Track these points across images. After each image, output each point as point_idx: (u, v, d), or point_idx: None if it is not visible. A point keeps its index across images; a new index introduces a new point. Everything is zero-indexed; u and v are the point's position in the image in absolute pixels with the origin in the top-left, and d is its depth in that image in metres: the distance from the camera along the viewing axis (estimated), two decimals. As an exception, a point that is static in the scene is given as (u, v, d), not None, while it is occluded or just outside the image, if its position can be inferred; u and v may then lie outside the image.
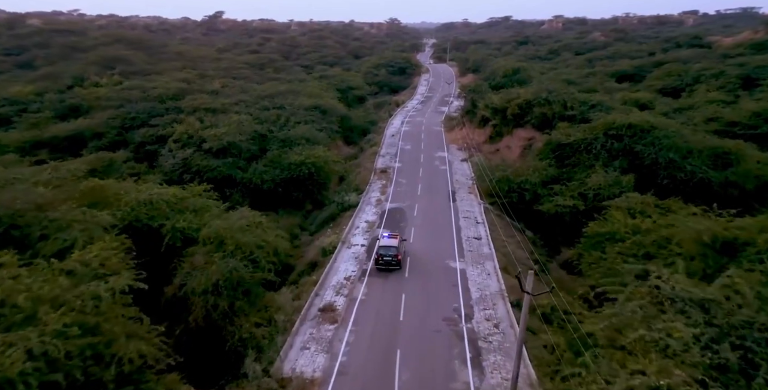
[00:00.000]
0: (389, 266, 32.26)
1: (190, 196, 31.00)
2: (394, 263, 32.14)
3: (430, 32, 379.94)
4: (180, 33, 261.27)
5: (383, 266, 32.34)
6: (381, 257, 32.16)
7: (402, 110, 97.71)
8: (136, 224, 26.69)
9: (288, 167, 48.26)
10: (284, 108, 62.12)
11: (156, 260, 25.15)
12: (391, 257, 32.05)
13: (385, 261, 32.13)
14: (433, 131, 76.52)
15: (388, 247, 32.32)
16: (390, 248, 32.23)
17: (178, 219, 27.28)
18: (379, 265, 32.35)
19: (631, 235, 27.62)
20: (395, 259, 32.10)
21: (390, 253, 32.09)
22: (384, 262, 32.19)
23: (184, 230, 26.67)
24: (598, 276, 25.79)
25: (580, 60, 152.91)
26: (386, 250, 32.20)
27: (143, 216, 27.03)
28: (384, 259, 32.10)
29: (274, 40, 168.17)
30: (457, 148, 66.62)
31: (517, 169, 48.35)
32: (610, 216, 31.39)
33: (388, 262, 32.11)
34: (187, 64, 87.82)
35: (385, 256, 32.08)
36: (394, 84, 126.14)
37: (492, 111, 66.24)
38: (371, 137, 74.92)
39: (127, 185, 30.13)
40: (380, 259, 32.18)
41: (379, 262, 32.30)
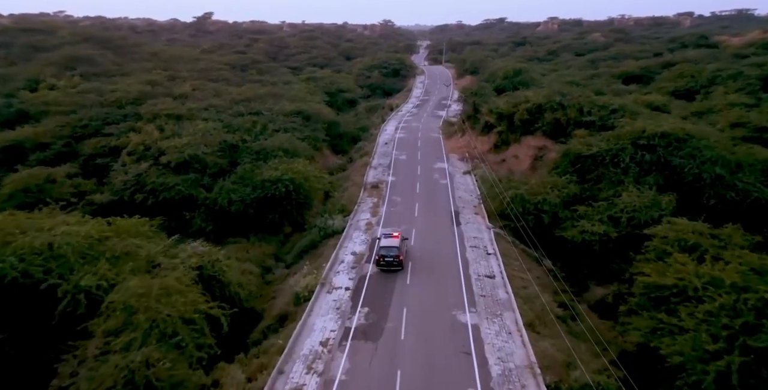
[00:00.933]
0: (391, 267, 31.23)
1: (114, 235, 23.29)
2: (396, 264, 31.12)
3: (425, 34, 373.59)
4: (167, 34, 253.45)
5: (385, 267, 31.31)
6: (382, 258, 31.14)
7: (396, 115, 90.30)
8: (23, 281, 19.01)
9: (261, 185, 40.64)
10: (261, 114, 54.48)
11: (46, 337, 17.50)
12: (392, 258, 31.02)
13: (386, 262, 31.10)
14: (431, 138, 69.11)
15: (390, 247, 31.23)
16: (391, 248, 31.18)
17: (86, 273, 19.60)
18: (381, 266, 31.34)
19: (712, 291, 20.16)
20: (397, 260, 31.05)
21: (391, 253, 31.03)
22: (385, 263, 31.16)
23: (91, 291, 19.01)
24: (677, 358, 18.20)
25: (581, 61, 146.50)
26: (387, 250, 31.11)
27: (35, 269, 19.34)
28: (385, 259, 31.07)
29: (262, 41, 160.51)
30: (458, 159, 59.23)
31: (533, 187, 40.90)
32: (673, 262, 23.84)
33: (390, 262, 31.08)
34: (160, 66, 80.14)
35: (387, 257, 31.03)
36: (387, 86, 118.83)
37: (497, 116, 58.95)
38: (362, 145, 67.42)
39: (24, 221, 22.38)
40: (381, 260, 31.17)
41: (380, 263, 31.28)
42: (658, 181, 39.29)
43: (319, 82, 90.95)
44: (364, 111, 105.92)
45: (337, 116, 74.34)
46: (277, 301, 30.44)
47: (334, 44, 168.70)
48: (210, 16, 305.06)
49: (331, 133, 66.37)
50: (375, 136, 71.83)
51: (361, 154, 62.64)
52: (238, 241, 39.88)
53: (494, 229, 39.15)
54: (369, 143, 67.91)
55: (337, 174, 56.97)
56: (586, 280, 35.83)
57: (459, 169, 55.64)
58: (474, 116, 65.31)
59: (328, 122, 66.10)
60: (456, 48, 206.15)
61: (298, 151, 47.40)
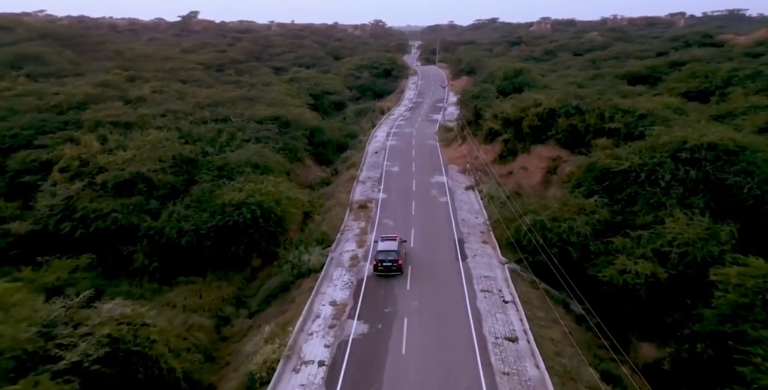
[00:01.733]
0: (389, 272, 29.59)
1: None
2: (395, 269, 29.56)
3: (416, 34, 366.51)
4: (150, 34, 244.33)
5: (383, 273, 29.66)
6: (380, 263, 29.60)
7: (388, 119, 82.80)
8: None
9: (222, 210, 32.91)
10: (229, 121, 46.65)
11: None
12: (391, 262, 29.47)
13: (384, 267, 29.56)
14: (427, 146, 61.62)
15: (388, 251, 29.62)
16: (390, 252, 29.55)
17: None
18: (379, 271, 29.69)
19: None
20: (396, 265, 29.50)
21: (390, 257, 29.45)
22: (384, 268, 29.58)
23: None
24: None
25: (581, 61, 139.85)
26: (385, 254, 29.55)
27: None
28: (383, 264, 29.54)
29: (246, 40, 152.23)
30: (458, 171, 51.79)
31: (555, 211, 33.47)
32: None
33: (388, 267, 29.52)
34: (123, 65, 72.16)
35: (385, 262, 29.49)
36: (378, 88, 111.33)
37: (503, 122, 51.59)
38: (349, 155, 59.75)
39: None
40: (379, 265, 29.63)
41: (378, 268, 29.70)
42: (708, 203, 32.08)
43: (303, 83, 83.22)
44: (353, 115, 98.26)
45: (322, 121, 66.67)
46: (228, 377, 22.70)
47: (322, 43, 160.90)
48: (195, 16, 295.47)
49: (315, 140, 58.72)
50: (364, 143, 64.24)
51: (347, 165, 55.00)
52: (191, 281, 32.12)
53: (509, 265, 31.70)
54: (357, 152, 60.27)
55: (319, 189, 49.33)
56: (627, 332, 28.48)
57: (460, 183, 48.18)
58: (475, 122, 57.94)
59: (311, 129, 58.44)
60: (449, 48, 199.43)
61: (271, 166, 39.65)
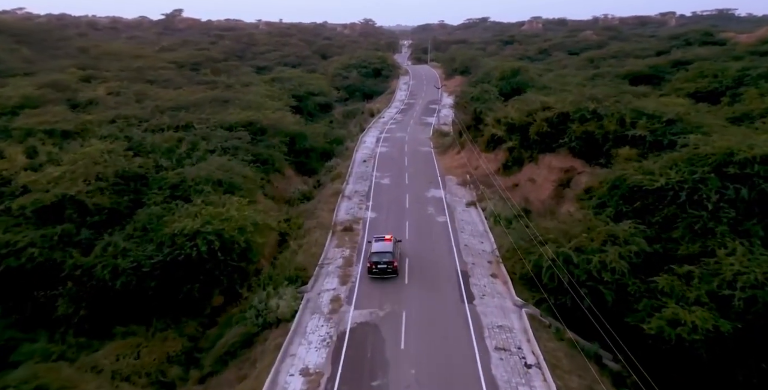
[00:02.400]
0: (384, 275, 28.16)
1: None
2: (390, 271, 28.11)
3: (407, 34, 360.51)
4: (132, 32, 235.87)
5: (378, 275, 28.20)
6: (374, 265, 28.13)
7: (377, 122, 76.62)
8: None
9: (171, 241, 26.51)
10: (192, 127, 40.11)
11: None
12: (386, 264, 28.00)
13: (379, 269, 28.07)
14: (421, 154, 55.50)
15: (382, 253, 28.27)
16: (384, 254, 28.17)
17: None
18: (373, 274, 28.25)
19: None
20: (391, 267, 28.00)
21: (384, 259, 28.02)
22: (378, 271, 28.11)
23: None
24: None
25: (578, 60, 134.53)
26: (380, 256, 28.15)
27: None
28: (378, 267, 28.06)
29: (229, 38, 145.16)
30: (457, 183, 45.74)
31: (581, 240, 27.43)
32: None
33: (383, 270, 28.06)
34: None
35: (380, 264, 28.03)
36: (367, 88, 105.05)
37: (507, 128, 45.56)
38: (335, 163, 53.45)
39: None
40: (374, 267, 28.16)
41: (372, 271, 28.25)
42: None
43: (286, 83, 76.73)
44: (341, 117, 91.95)
45: (306, 126, 60.27)
46: None
47: (309, 42, 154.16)
48: (180, 14, 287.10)
49: (296, 148, 52.36)
50: (351, 151, 57.96)
51: (332, 176, 48.69)
52: (131, 332, 25.66)
53: (527, 310, 25.63)
54: (343, 161, 53.98)
55: (298, 206, 43.00)
56: (680, 399, 22.57)
57: (460, 198, 42.09)
58: (475, 127, 51.85)
59: (292, 135, 52.08)
60: (440, 46, 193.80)
61: (237, 183, 33.24)
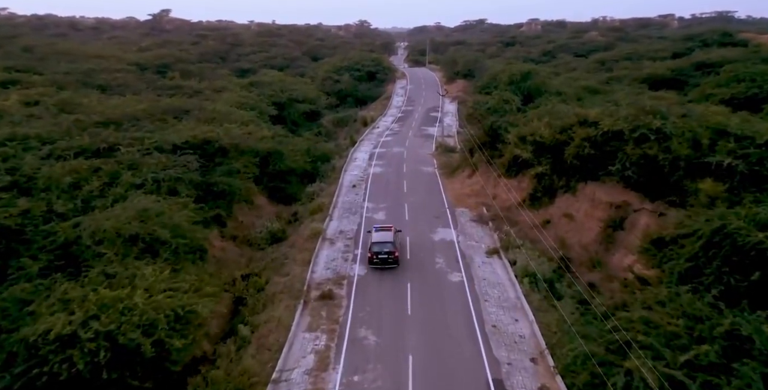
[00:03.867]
0: (385, 265, 27.87)
1: None
2: (391, 261, 27.83)
3: (403, 35, 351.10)
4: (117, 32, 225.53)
5: (379, 265, 27.93)
6: (375, 255, 27.80)
7: (371, 133, 66.84)
8: None
9: (27, 353, 16.41)
10: (117, 151, 29.90)
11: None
12: (386, 254, 27.68)
13: (380, 259, 27.76)
14: (423, 176, 45.62)
15: (383, 243, 27.93)
16: (385, 244, 27.86)
17: None
18: (374, 263, 27.94)
19: None
20: (392, 257, 27.73)
21: (385, 249, 27.73)
22: (379, 260, 27.79)
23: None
24: None
25: (587, 62, 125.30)
26: (381, 246, 27.82)
27: None
28: (379, 256, 27.74)
29: (212, 38, 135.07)
30: (472, 218, 35.81)
31: (696, 351, 17.59)
32: None
33: (384, 260, 27.76)
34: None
35: (380, 254, 27.72)
36: (360, 93, 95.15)
37: (534, 148, 35.70)
38: (318, 189, 43.47)
39: None
40: (374, 257, 27.82)
41: (373, 261, 27.92)
42: None
43: (266, 88, 66.79)
44: (331, 125, 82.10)
45: (286, 140, 50.52)
46: None
47: (299, 42, 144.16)
48: (167, 14, 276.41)
49: (271, 169, 42.44)
50: (339, 170, 48.07)
51: (312, 207, 38.66)
52: None
53: None
54: (329, 184, 44.10)
55: (267, 249, 33.04)
56: None
57: (478, 243, 32.19)
58: (491, 144, 41.97)
59: (268, 152, 42.16)
60: (438, 48, 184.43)
61: (164, 239, 23.11)
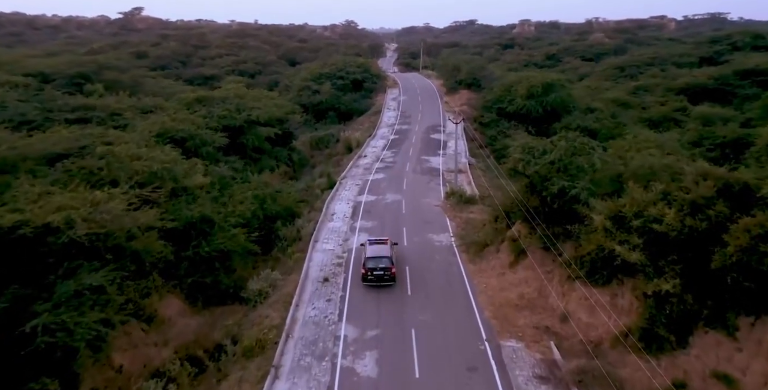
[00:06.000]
0: (381, 282, 25.14)
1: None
2: (387, 278, 25.13)
3: (391, 36, 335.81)
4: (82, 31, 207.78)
5: (374, 283, 25.22)
6: (370, 272, 25.07)
7: (357, 164, 50.68)
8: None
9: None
10: None
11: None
12: (382, 271, 24.99)
13: (375, 276, 25.07)
14: (434, 256, 29.22)
15: (379, 257, 25.24)
16: (381, 259, 25.17)
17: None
18: (368, 281, 25.27)
19: None
20: (388, 273, 25.05)
21: (381, 265, 25.04)
22: (375, 278, 25.12)
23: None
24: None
25: (602, 68, 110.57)
26: (376, 261, 25.14)
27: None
28: (374, 273, 25.03)
29: (175, 38, 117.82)
30: (536, 374, 19.75)
31: None
32: None
33: (380, 276, 25.06)
34: None
35: (376, 270, 24.99)
36: (344, 106, 79.07)
37: (647, 242, 19.82)
38: (269, 282, 26.98)
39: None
40: (369, 273, 25.11)
41: (367, 278, 25.25)
42: None
43: (218, 107, 50.21)
44: (308, 148, 66.12)
45: (229, 190, 34.38)
46: None
47: (275, 44, 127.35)
48: (139, 13, 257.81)
49: (196, 252, 26.17)
50: (308, 239, 31.85)
51: (247, 344, 22.10)
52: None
53: None
54: (284, 275, 27.70)
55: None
56: None
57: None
58: (545, 211, 25.94)
59: (185, 224, 25.95)
60: (431, 50, 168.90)
61: None
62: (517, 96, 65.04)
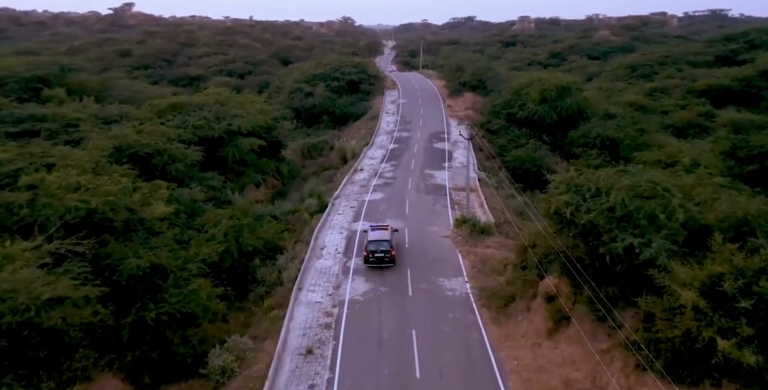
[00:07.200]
0: (381, 264, 27.36)
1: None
2: (387, 260, 27.38)
3: (389, 33, 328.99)
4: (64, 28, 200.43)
5: (375, 264, 27.38)
6: (371, 254, 27.28)
7: (352, 180, 44.65)
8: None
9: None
10: None
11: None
12: (383, 253, 27.18)
13: (376, 258, 27.25)
14: (448, 313, 23.36)
15: (380, 241, 27.51)
16: (382, 242, 27.44)
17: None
18: (370, 262, 27.46)
19: None
20: (389, 256, 27.25)
21: (382, 248, 27.25)
22: (375, 260, 27.29)
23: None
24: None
25: (612, 67, 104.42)
26: (377, 244, 27.35)
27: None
28: (375, 255, 27.23)
29: (160, 36, 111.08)
30: None
31: None
32: None
33: (380, 258, 27.26)
34: None
35: (377, 252, 27.20)
36: (339, 110, 72.93)
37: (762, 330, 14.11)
38: (230, 359, 20.86)
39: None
40: (371, 255, 27.32)
41: (369, 260, 27.43)
42: None
43: (194, 116, 43.99)
44: (299, 157, 60.14)
45: (197, 220, 28.57)
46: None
47: (267, 42, 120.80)
48: (130, 9, 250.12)
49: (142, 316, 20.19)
50: (290, 284, 25.89)
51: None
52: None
53: None
54: (258, 342, 21.66)
55: None
56: None
57: None
58: (594, 265, 20.24)
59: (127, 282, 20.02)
60: (430, 48, 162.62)
61: None
62: (529, 100, 58.97)
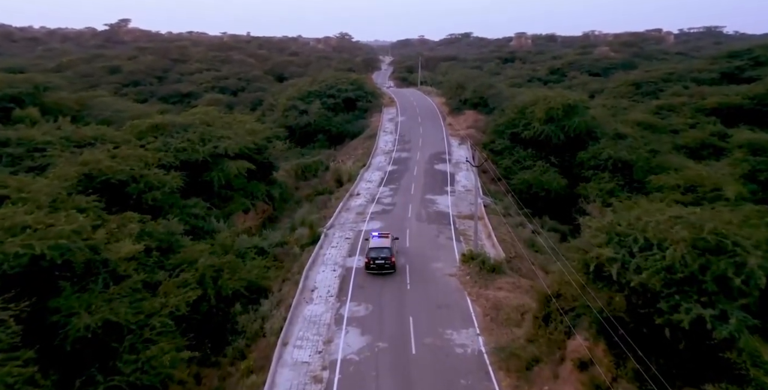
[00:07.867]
0: (382, 270, 27.93)
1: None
2: (388, 266, 27.92)
3: (385, 49, 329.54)
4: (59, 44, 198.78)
5: (375, 271, 27.98)
6: (372, 261, 27.95)
7: (347, 206, 41.26)
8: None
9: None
10: None
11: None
12: (383, 260, 27.87)
13: (377, 264, 27.88)
14: (456, 372, 19.88)
15: (381, 248, 28.31)
16: (383, 249, 28.24)
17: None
18: (371, 269, 28.06)
19: None
20: (389, 262, 27.88)
21: (383, 254, 27.98)
22: (376, 266, 27.90)
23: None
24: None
25: (615, 84, 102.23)
26: (378, 251, 28.14)
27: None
28: (376, 262, 27.88)
29: (151, 51, 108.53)
30: None
31: None
32: None
33: (381, 265, 27.88)
34: None
35: (377, 259, 27.87)
36: (335, 128, 69.99)
37: None
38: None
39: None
40: (371, 262, 27.97)
41: (370, 266, 28.05)
42: None
43: (177, 138, 40.76)
44: (292, 178, 56.94)
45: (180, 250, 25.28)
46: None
47: (261, 58, 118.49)
48: (126, 25, 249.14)
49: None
50: (273, 340, 22.32)
51: None
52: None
53: None
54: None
55: None
56: None
57: None
58: (640, 328, 16.89)
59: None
60: (427, 64, 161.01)
61: None
62: (534, 119, 56.03)
